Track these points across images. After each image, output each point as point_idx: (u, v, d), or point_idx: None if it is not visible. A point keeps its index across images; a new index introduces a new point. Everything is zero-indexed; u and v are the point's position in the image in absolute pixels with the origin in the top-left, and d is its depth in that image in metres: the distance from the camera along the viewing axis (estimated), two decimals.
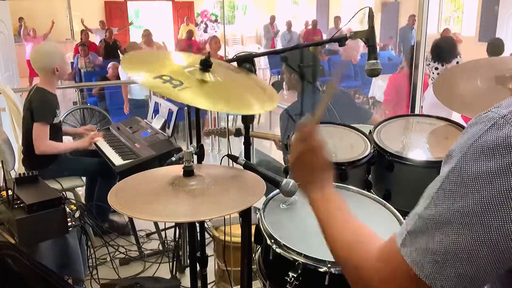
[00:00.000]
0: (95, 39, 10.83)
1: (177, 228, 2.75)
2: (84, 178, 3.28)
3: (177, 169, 1.40)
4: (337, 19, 11.53)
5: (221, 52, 6.60)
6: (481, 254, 0.58)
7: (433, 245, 0.61)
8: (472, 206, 0.58)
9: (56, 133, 3.01)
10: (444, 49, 4.40)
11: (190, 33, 10.43)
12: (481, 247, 0.57)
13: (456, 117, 3.93)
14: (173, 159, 1.71)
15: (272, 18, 12.98)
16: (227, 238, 2.07)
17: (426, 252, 0.61)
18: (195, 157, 1.59)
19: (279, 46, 12.18)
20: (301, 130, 0.95)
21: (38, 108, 2.90)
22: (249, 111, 1.41)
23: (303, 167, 0.94)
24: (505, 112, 0.59)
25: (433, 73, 4.39)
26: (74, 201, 2.31)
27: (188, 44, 10.36)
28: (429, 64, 4.32)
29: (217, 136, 3.86)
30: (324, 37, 11.13)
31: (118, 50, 9.24)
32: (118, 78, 6.27)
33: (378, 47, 1.52)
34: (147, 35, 7.96)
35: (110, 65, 6.56)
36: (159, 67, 1.28)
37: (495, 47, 4.52)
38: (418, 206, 0.65)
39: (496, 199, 0.56)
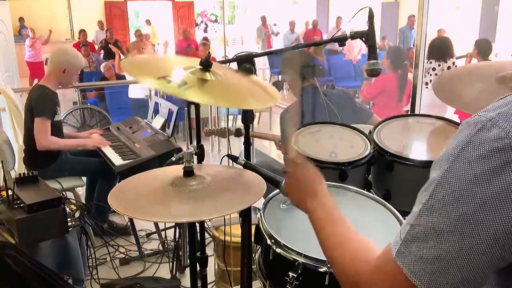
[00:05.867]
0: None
1: (177, 228, 2.75)
2: (84, 178, 3.28)
3: (177, 169, 1.40)
4: (337, 19, 11.50)
5: (214, 53, 6.76)
6: (474, 260, 0.58)
7: (428, 253, 0.60)
8: (464, 211, 0.58)
9: (57, 132, 3.00)
10: (441, 48, 4.41)
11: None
12: (474, 253, 0.57)
13: (456, 116, 3.94)
14: (173, 159, 1.71)
15: (263, 19, 12.82)
16: (227, 238, 2.07)
17: (421, 260, 0.61)
18: (195, 157, 1.59)
19: (277, 45, 12.12)
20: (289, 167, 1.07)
21: (38, 103, 2.90)
22: (252, 106, 1.44)
23: (294, 195, 1.03)
24: (492, 115, 0.59)
25: (430, 74, 4.39)
26: (74, 201, 2.31)
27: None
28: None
29: (217, 136, 3.86)
30: (324, 37, 11.12)
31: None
32: (116, 77, 6.24)
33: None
34: (139, 35, 8.94)
35: (102, 65, 6.50)
36: (161, 70, 1.28)
37: (483, 47, 4.51)
38: (411, 214, 0.65)
39: (489, 202, 0.56)
